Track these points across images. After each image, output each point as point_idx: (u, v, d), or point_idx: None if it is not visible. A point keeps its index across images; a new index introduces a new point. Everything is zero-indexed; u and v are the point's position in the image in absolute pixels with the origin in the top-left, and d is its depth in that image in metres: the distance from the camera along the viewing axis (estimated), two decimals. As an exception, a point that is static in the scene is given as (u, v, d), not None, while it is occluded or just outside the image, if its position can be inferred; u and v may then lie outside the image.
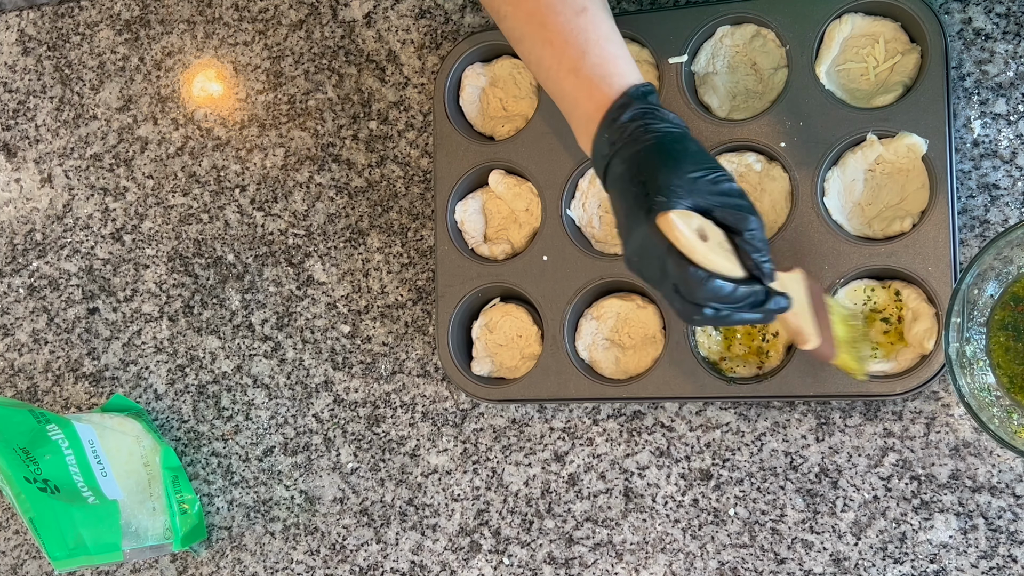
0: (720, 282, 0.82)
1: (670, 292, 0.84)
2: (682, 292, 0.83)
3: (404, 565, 1.14)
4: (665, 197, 0.82)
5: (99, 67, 1.30)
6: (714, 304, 0.83)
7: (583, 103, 0.90)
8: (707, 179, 0.83)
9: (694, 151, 0.85)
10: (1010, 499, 0.96)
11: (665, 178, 0.83)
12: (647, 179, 0.83)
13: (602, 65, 0.89)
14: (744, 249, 0.84)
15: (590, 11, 0.91)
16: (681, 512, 1.06)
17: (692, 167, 0.83)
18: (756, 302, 0.85)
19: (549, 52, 0.91)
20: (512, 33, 0.95)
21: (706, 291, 0.82)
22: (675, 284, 0.83)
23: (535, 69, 0.94)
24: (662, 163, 0.84)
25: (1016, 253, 0.91)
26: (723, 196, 0.84)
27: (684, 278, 0.82)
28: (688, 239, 0.81)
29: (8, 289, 1.32)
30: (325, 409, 1.19)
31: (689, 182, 0.83)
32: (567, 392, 1.06)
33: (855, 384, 0.97)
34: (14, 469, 1.07)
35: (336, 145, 1.21)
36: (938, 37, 0.97)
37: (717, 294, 0.82)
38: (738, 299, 0.83)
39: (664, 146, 0.85)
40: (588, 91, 0.89)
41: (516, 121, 1.11)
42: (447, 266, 1.11)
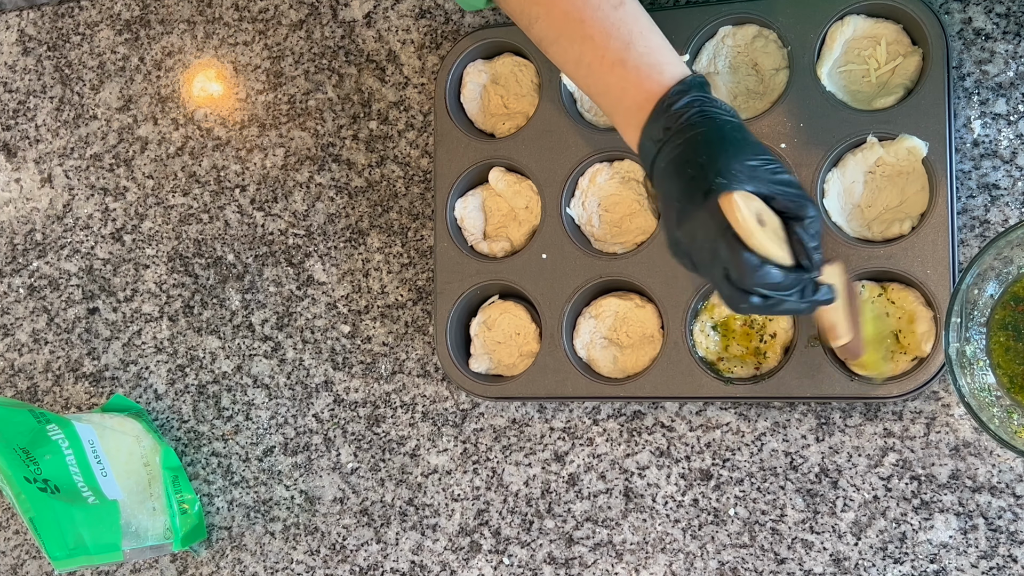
0: (773, 269, 0.82)
1: (719, 277, 0.83)
2: (732, 277, 0.82)
3: (404, 565, 1.14)
4: (726, 179, 0.81)
5: (99, 67, 1.30)
6: (763, 291, 0.83)
7: (632, 93, 0.88)
8: (767, 167, 0.83)
9: (753, 141, 0.85)
10: (1010, 499, 0.97)
11: (726, 161, 0.82)
12: (706, 161, 0.83)
13: (650, 54, 0.89)
14: (799, 237, 0.83)
15: (627, 4, 0.90)
16: (681, 512, 1.06)
17: (752, 154, 0.83)
18: (804, 292, 0.84)
19: (590, 47, 0.90)
20: (546, 35, 0.94)
21: (758, 278, 0.81)
22: (726, 268, 0.82)
23: (573, 68, 0.93)
24: (722, 147, 0.83)
25: (1016, 253, 0.91)
26: (782, 185, 0.83)
27: (737, 263, 0.81)
28: (748, 221, 0.80)
29: (8, 289, 1.32)
30: (325, 409, 1.19)
31: (749, 168, 0.82)
32: (565, 390, 1.06)
33: (852, 386, 0.97)
34: (14, 469, 1.07)
35: (336, 145, 1.21)
36: (940, 40, 0.97)
37: (768, 281, 0.82)
38: (787, 287, 0.83)
39: (724, 132, 0.84)
40: (637, 80, 0.88)
41: (517, 119, 1.12)
42: (446, 263, 1.11)
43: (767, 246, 0.81)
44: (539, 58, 1.10)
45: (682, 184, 0.84)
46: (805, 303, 0.85)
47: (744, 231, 0.80)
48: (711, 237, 0.82)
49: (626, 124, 0.90)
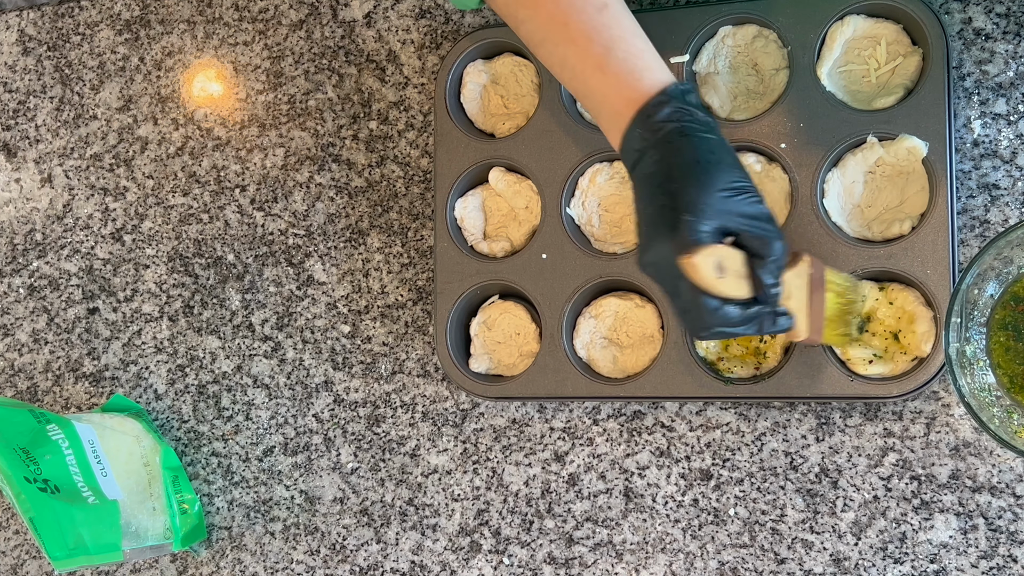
0: (730, 309, 0.83)
1: (680, 310, 0.85)
2: (691, 314, 0.84)
3: (404, 565, 1.14)
4: (693, 216, 0.81)
5: (99, 67, 1.30)
6: (722, 328, 0.84)
7: (612, 99, 0.88)
8: (737, 199, 0.83)
9: (728, 164, 0.84)
10: (1010, 499, 0.97)
11: (695, 194, 0.82)
12: (677, 190, 0.83)
13: (629, 60, 0.88)
14: (760, 277, 0.84)
15: (611, 7, 0.90)
16: (681, 512, 1.06)
17: (724, 184, 0.83)
18: (763, 324, 0.86)
19: (573, 51, 0.90)
20: (533, 37, 0.94)
21: (715, 318, 0.83)
22: (685, 307, 0.84)
23: (559, 70, 0.93)
24: (694, 176, 0.83)
25: (1016, 253, 0.91)
26: (751, 220, 0.83)
27: (696, 305, 0.83)
28: (707, 279, 0.81)
29: (8, 289, 1.32)
30: (325, 409, 1.19)
31: (720, 201, 0.82)
32: (564, 390, 1.06)
33: (852, 386, 0.97)
34: (14, 469, 1.07)
35: (336, 145, 1.21)
36: (940, 41, 0.97)
37: (725, 320, 0.84)
38: (745, 322, 0.85)
39: (699, 156, 0.84)
40: (616, 87, 0.88)
41: (517, 119, 1.12)
42: (446, 263, 1.11)
43: (726, 292, 0.83)
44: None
45: (653, 210, 0.84)
46: (763, 332, 0.87)
47: (704, 285, 0.82)
48: (673, 275, 0.83)
49: (609, 128, 0.90)
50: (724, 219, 0.82)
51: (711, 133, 0.86)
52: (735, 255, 0.84)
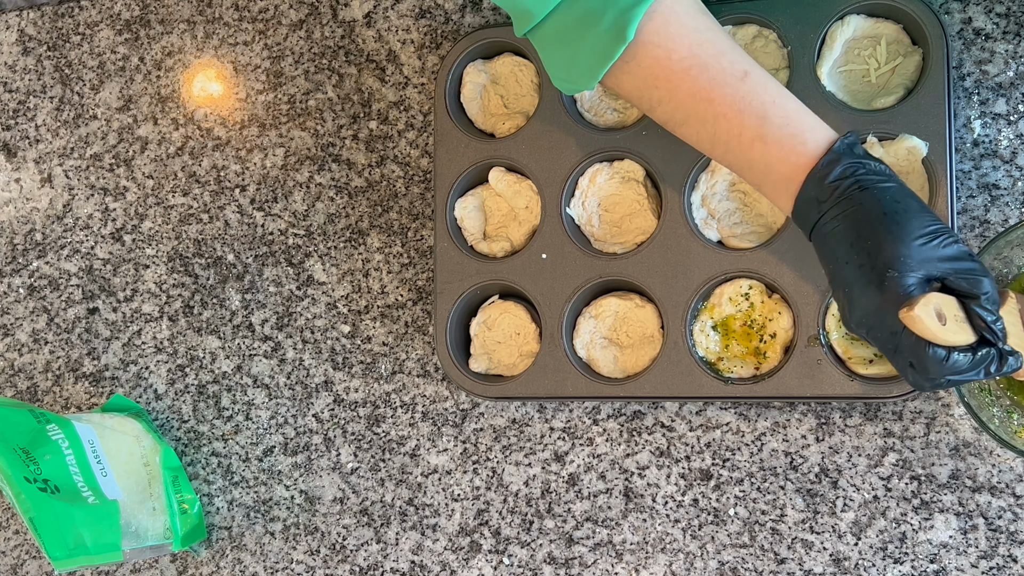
0: (958, 357, 0.79)
1: (903, 365, 0.81)
2: (917, 368, 0.80)
3: (404, 565, 1.14)
4: (898, 272, 0.78)
5: (99, 67, 1.30)
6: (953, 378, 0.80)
7: (777, 167, 0.85)
8: (934, 244, 0.80)
9: (915, 209, 0.81)
10: (1010, 499, 0.96)
11: (893, 248, 0.79)
12: (872, 248, 0.80)
13: (789, 125, 0.85)
14: (978, 314, 0.80)
15: (752, 74, 0.86)
16: (681, 512, 1.06)
17: (918, 232, 0.80)
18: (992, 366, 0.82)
19: (724, 126, 0.86)
20: (674, 117, 0.89)
21: (945, 368, 0.79)
22: (910, 361, 0.80)
23: (709, 147, 0.89)
24: (887, 230, 0.80)
25: (1016, 253, 0.91)
26: (953, 262, 0.80)
27: (922, 359, 0.79)
28: (932, 329, 0.78)
29: (8, 289, 1.32)
30: (325, 409, 1.19)
31: (918, 250, 0.79)
32: (564, 390, 1.06)
33: (853, 386, 0.97)
34: (14, 469, 1.07)
35: (336, 145, 1.21)
36: (940, 40, 0.96)
37: (955, 369, 0.80)
38: (975, 366, 0.81)
39: (884, 207, 0.81)
40: (781, 155, 0.85)
41: (517, 119, 1.12)
42: (446, 263, 1.11)
43: (951, 339, 0.79)
44: (539, 58, 1.10)
45: (851, 270, 0.81)
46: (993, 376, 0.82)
47: (930, 336, 0.78)
48: (891, 329, 0.80)
49: (776, 194, 0.87)
50: (928, 267, 0.79)
51: (890, 181, 0.83)
52: (950, 300, 0.80)
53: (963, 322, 0.80)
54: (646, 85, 0.89)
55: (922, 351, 0.79)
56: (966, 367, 0.80)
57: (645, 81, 0.88)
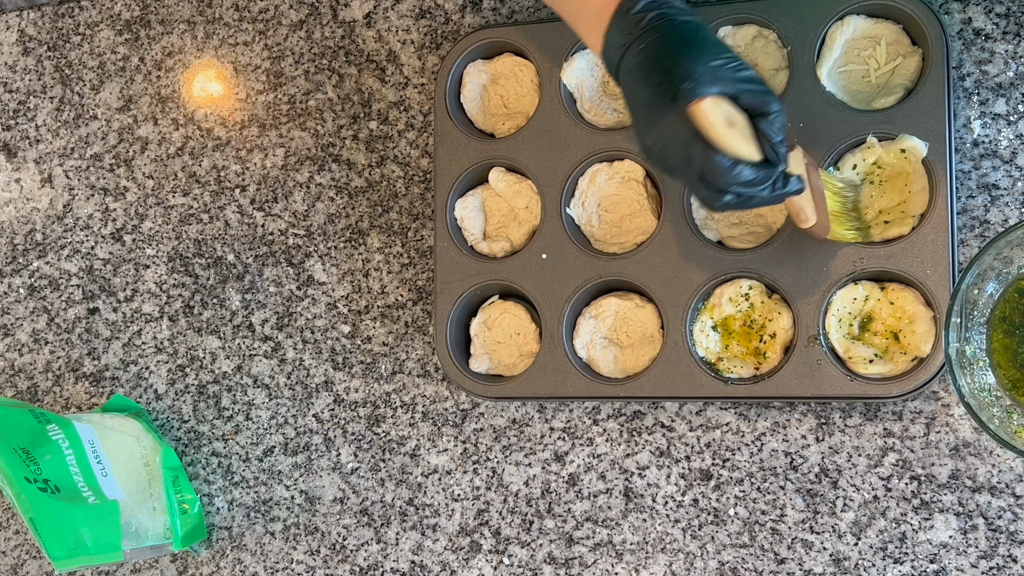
0: (745, 168, 0.84)
1: (694, 180, 0.86)
2: (707, 179, 0.85)
3: (404, 565, 1.14)
4: (692, 83, 0.83)
5: (99, 67, 1.30)
6: (737, 190, 0.85)
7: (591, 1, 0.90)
8: (729, 67, 0.84)
9: (713, 40, 0.86)
10: (1010, 499, 0.97)
11: (690, 65, 0.83)
12: (670, 66, 0.84)
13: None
14: (765, 132, 0.85)
15: None
16: (681, 512, 1.06)
17: (714, 55, 0.84)
18: (775, 185, 0.87)
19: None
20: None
21: (731, 177, 0.84)
22: (700, 172, 0.84)
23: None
24: (685, 51, 0.84)
25: (1016, 253, 0.91)
26: (746, 83, 0.85)
27: (711, 166, 0.84)
28: (719, 126, 0.82)
29: (8, 289, 1.32)
30: (325, 409, 1.19)
31: (713, 69, 0.84)
32: (565, 390, 1.06)
33: (853, 386, 0.97)
34: (14, 469, 1.07)
35: (336, 145, 1.21)
36: (939, 41, 0.97)
37: (741, 180, 0.84)
38: (759, 183, 0.85)
39: (685, 34, 0.85)
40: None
41: (517, 119, 1.12)
42: (446, 263, 1.11)
43: (738, 146, 0.84)
44: (539, 58, 1.10)
45: (649, 91, 0.85)
46: (776, 195, 0.87)
47: (715, 135, 0.83)
48: (683, 142, 0.84)
49: (588, 31, 0.91)
50: (722, 84, 0.83)
51: (692, 16, 0.87)
52: (740, 116, 0.85)
53: (751, 139, 0.85)
54: None
55: (710, 158, 0.83)
56: (752, 178, 0.84)
57: None
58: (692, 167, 0.85)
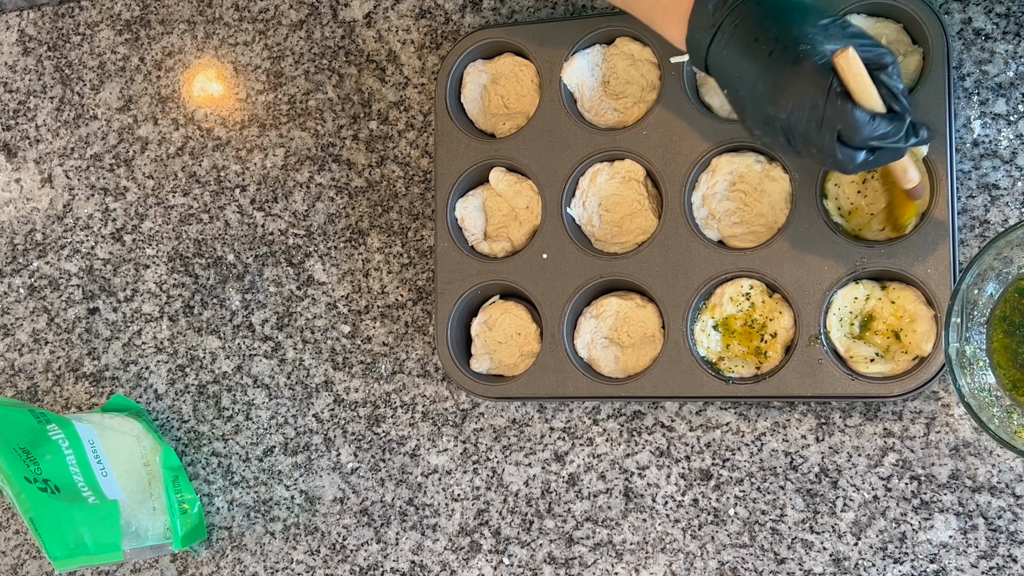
0: (881, 121, 0.83)
1: (829, 141, 0.83)
2: (846, 136, 0.83)
3: (404, 565, 1.14)
4: (810, 44, 0.82)
5: (99, 67, 1.30)
6: (874, 143, 0.84)
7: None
8: (837, 23, 0.84)
9: (809, 2, 0.85)
10: (1010, 499, 0.97)
11: (800, 28, 0.82)
12: (778, 34, 0.83)
13: None
14: (888, 84, 0.84)
15: None
16: (681, 512, 1.06)
17: (819, 15, 0.84)
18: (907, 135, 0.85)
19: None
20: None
21: (871, 130, 0.83)
22: (838, 130, 0.83)
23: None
24: (789, 16, 0.83)
25: (1016, 253, 0.91)
26: (856, 38, 0.84)
27: (850, 121, 0.82)
28: (864, 75, 0.81)
29: (8, 289, 1.32)
30: (325, 409, 1.19)
31: (823, 28, 0.83)
32: (565, 390, 1.06)
33: (853, 385, 0.97)
34: (14, 469, 1.07)
35: (336, 145, 1.21)
36: (940, 40, 0.97)
37: (879, 133, 0.83)
38: (894, 135, 0.84)
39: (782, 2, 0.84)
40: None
41: (517, 119, 1.12)
42: (447, 263, 1.11)
43: (874, 99, 0.82)
44: (539, 58, 1.10)
45: (760, 63, 0.84)
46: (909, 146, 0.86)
47: (859, 86, 0.81)
48: (813, 103, 0.82)
49: (667, 20, 0.89)
50: (835, 42, 0.82)
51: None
52: None
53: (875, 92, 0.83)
54: None
55: (849, 113, 0.82)
56: (887, 130, 0.83)
57: None
58: (827, 127, 0.83)
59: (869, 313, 0.99)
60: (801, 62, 0.82)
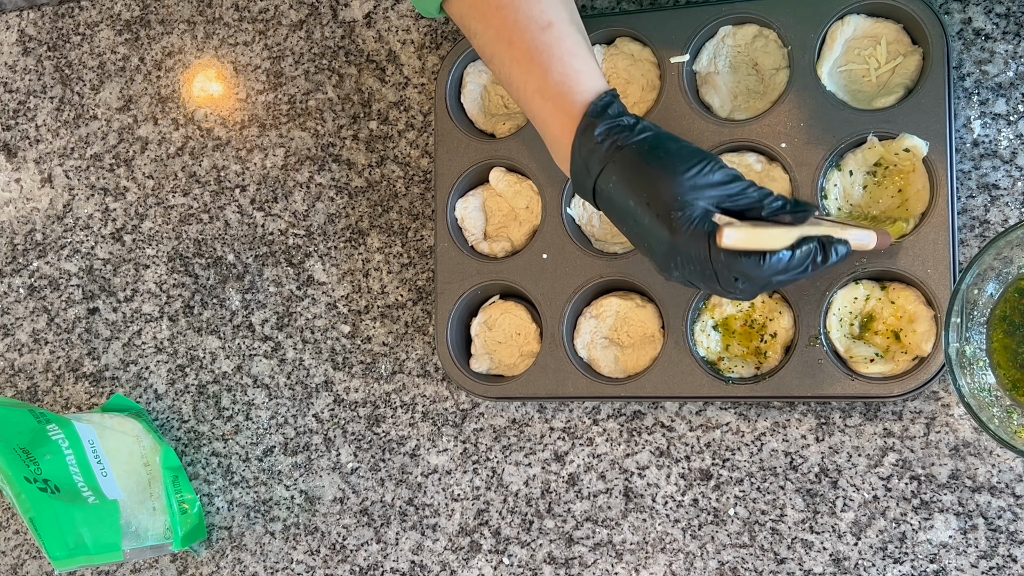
0: (777, 257, 0.82)
1: (728, 283, 0.84)
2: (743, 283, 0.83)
3: (404, 565, 1.14)
4: (679, 211, 0.82)
5: (99, 67, 1.30)
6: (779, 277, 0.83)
7: (551, 125, 0.89)
8: (701, 174, 0.83)
9: (674, 150, 0.85)
10: (1010, 499, 0.97)
11: (666, 191, 0.82)
12: (649, 199, 0.83)
13: (564, 83, 0.88)
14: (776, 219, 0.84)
15: (555, 26, 0.89)
16: (681, 512, 1.06)
17: (681, 168, 0.83)
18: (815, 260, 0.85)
19: (517, 71, 0.90)
20: (484, 51, 0.93)
21: (768, 270, 0.82)
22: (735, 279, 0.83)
23: (508, 89, 0.93)
24: (655, 178, 0.83)
25: (1016, 253, 0.91)
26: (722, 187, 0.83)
27: (743, 270, 0.82)
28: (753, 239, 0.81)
29: (8, 289, 1.32)
30: (325, 409, 1.19)
31: (688, 185, 0.82)
32: (565, 390, 1.06)
33: (853, 386, 0.97)
34: (14, 469, 1.07)
35: (336, 145, 1.21)
36: (940, 40, 0.97)
37: (778, 268, 0.83)
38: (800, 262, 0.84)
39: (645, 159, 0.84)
40: (553, 112, 0.88)
41: (517, 119, 1.12)
42: (447, 263, 1.11)
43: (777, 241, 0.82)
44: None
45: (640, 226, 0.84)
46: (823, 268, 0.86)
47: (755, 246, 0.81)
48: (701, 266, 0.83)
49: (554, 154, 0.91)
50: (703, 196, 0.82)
51: (644, 132, 0.86)
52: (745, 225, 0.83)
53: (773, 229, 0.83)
54: (468, 15, 0.92)
55: (739, 264, 0.81)
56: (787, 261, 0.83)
57: (468, 9, 0.92)
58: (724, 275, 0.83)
59: (869, 313, 0.99)
60: (676, 231, 0.82)
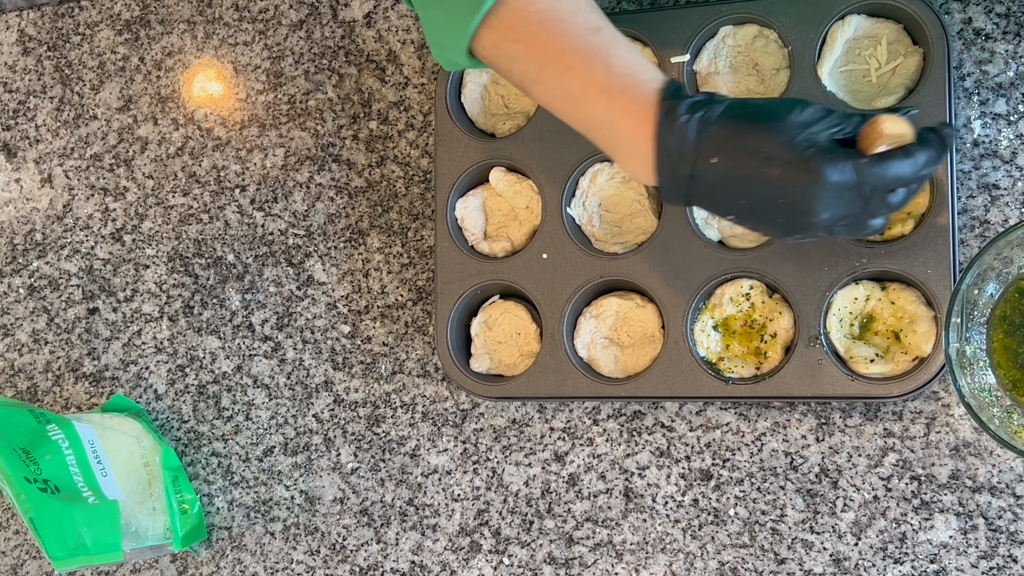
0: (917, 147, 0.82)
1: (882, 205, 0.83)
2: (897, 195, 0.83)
3: (404, 565, 1.14)
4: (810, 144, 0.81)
5: (99, 67, 1.30)
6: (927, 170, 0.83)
7: (623, 121, 0.86)
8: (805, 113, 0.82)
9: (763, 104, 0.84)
10: (1010, 499, 0.97)
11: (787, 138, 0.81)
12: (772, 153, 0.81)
13: (630, 75, 0.86)
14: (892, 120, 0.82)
15: (604, 30, 0.88)
16: (681, 512, 1.06)
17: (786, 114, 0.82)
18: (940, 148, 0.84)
19: (574, 78, 0.87)
20: (527, 73, 0.90)
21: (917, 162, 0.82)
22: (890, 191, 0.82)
23: (561, 104, 0.90)
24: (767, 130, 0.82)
25: (1016, 253, 0.91)
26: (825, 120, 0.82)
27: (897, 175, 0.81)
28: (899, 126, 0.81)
29: (8, 289, 1.32)
30: (325, 409, 1.19)
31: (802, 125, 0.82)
32: (565, 390, 1.06)
33: (853, 386, 0.97)
34: (14, 469, 1.07)
35: (336, 145, 1.21)
36: (940, 40, 0.97)
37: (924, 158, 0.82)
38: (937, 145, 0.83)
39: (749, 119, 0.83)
40: (625, 106, 0.86)
41: (517, 119, 1.12)
42: (447, 263, 1.11)
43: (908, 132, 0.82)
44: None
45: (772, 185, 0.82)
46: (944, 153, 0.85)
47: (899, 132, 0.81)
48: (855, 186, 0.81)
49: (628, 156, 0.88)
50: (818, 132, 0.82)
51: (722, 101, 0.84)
52: None
53: None
54: (505, 40, 0.89)
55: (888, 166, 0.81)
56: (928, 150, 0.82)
57: (504, 35, 0.89)
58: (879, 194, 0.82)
59: (869, 314, 0.99)
60: (818, 166, 0.80)
